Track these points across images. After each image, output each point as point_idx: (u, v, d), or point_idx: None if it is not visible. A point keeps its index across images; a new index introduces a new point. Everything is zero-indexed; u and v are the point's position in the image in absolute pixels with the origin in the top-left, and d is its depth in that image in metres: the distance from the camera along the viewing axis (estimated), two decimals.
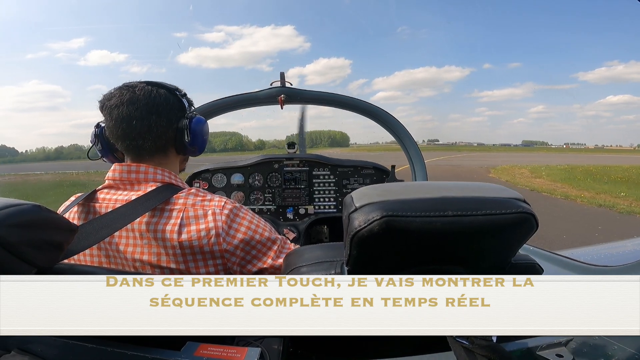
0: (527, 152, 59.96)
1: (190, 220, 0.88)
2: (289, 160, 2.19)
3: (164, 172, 0.96)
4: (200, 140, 1.02)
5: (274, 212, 2.18)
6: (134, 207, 0.85)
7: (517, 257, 0.69)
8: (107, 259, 0.92)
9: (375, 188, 0.63)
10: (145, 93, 0.94)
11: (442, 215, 0.55)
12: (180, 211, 0.88)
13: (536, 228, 0.59)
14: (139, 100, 0.93)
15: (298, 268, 0.70)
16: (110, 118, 0.93)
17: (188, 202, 0.90)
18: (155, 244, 0.87)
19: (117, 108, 0.92)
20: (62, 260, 0.71)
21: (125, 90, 0.94)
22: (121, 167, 0.94)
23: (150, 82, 0.97)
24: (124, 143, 0.95)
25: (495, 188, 0.62)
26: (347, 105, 2.02)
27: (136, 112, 0.93)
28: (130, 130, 0.93)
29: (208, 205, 0.91)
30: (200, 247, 0.87)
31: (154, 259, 0.87)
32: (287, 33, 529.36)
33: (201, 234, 0.87)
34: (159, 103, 0.95)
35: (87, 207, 0.94)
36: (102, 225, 0.80)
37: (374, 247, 0.59)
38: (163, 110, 0.95)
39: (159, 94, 0.95)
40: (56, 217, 0.65)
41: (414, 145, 2.02)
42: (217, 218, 0.89)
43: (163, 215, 0.88)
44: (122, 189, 0.94)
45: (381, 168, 2.20)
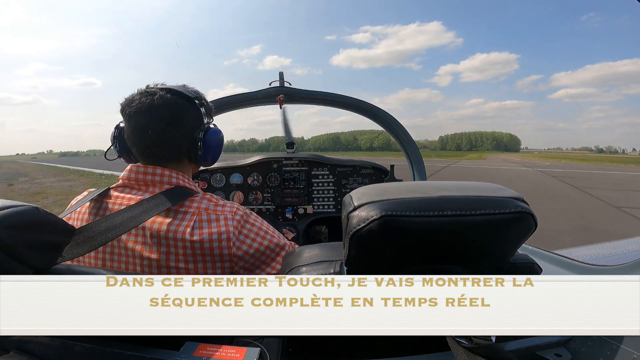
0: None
1: (203, 224, 0.89)
2: (288, 160, 2.19)
3: (178, 175, 0.96)
4: (213, 152, 1.03)
5: (273, 212, 2.18)
6: (146, 207, 0.86)
7: (516, 256, 0.69)
8: (112, 256, 0.91)
9: (374, 188, 0.63)
10: (164, 102, 0.95)
11: (441, 215, 0.55)
12: (194, 214, 0.89)
13: (535, 227, 0.59)
14: (156, 109, 0.94)
15: (297, 268, 0.70)
16: (129, 124, 0.95)
17: (202, 206, 0.92)
18: (166, 243, 0.87)
19: (135, 115, 0.94)
20: (67, 261, 0.71)
21: (145, 97, 0.94)
22: (137, 168, 0.95)
23: (171, 88, 0.97)
24: (139, 149, 0.96)
25: (494, 187, 0.62)
26: (345, 104, 2.02)
27: (152, 122, 0.94)
28: (146, 139, 0.94)
29: (221, 211, 0.92)
30: (210, 249, 0.88)
31: (162, 258, 0.87)
32: (434, 29, 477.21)
33: (213, 237, 0.88)
34: (175, 113, 0.95)
35: (100, 204, 0.94)
36: (113, 224, 0.81)
37: (373, 246, 0.59)
38: (179, 121, 0.96)
39: (176, 103, 0.96)
40: (54, 219, 0.65)
41: (413, 145, 2.02)
42: (228, 223, 0.90)
43: (177, 217, 0.89)
44: (137, 189, 0.94)
45: (380, 168, 2.20)
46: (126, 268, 0.90)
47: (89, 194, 0.98)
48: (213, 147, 1.02)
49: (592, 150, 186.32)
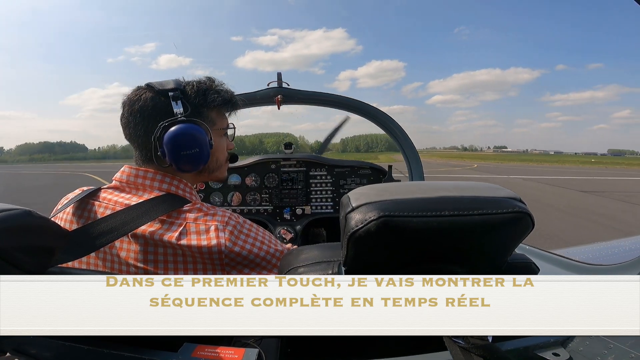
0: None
1: (191, 236, 0.82)
2: (286, 160, 2.19)
3: (171, 181, 0.91)
4: (175, 155, 0.87)
5: (271, 212, 2.18)
6: (132, 216, 0.80)
7: (514, 256, 0.69)
8: (104, 262, 0.88)
9: (372, 188, 0.63)
10: (131, 98, 0.90)
11: (439, 215, 0.56)
12: (181, 225, 0.83)
13: (532, 227, 0.60)
14: (124, 105, 0.91)
15: (295, 268, 0.70)
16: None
17: (190, 216, 0.85)
18: (154, 251, 0.83)
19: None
20: (55, 266, 0.70)
21: (125, 96, 0.92)
22: (129, 170, 0.92)
23: (149, 83, 0.91)
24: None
25: (492, 187, 0.63)
26: (343, 105, 2.02)
27: (122, 119, 0.91)
28: (125, 136, 0.93)
29: (211, 221, 0.85)
30: (202, 260, 0.83)
31: (151, 267, 0.83)
32: (338, 36, 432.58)
33: (203, 250, 0.82)
34: (137, 109, 0.88)
35: (85, 205, 0.90)
36: (97, 233, 0.77)
37: (371, 247, 0.59)
38: (142, 118, 0.88)
39: (140, 99, 0.89)
40: (47, 223, 0.64)
41: (411, 145, 2.03)
42: (219, 234, 0.83)
43: (162, 226, 0.83)
44: (127, 192, 0.90)
45: (378, 168, 2.21)
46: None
47: (81, 192, 0.93)
48: (175, 148, 0.86)
49: (459, 149, 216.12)
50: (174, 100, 0.87)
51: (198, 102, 0.92)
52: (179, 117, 0.87)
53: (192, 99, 0.91)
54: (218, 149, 0.99)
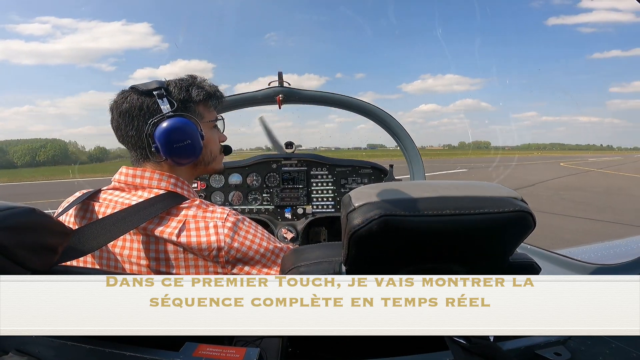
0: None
1: (191, 232, 0.84)
2: (287, 160, 2.18)
3: (169, 180, 0.93)
4: (169, 148, 0.90)
5: (272, 212, 2.18)
6: (132, 214, 0.82)
7: (515, 255, 0.69)
8: (107, 261, 0.90)
9: (374, 187, 0.63)
10: (118, 102, 0.92)
11: (440, 214, 0.55)
12: (180, 222, 0.85)
13: (533, 226, 0.59)
14: (112, 109, 0.93)
15: (297, 268, 0.70)
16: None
17: (189, 213, 0.87)
18: (155, 249, 0.85)
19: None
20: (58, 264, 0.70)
21: (112, 100, 0.94)
22: (127, 171, 0.93)
23: (133, 85, 0.93)
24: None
25: (493, 187, 0.62)
26: (345, 104, 2.01)
27: (113, 123, 0.94)
28: (117, 139, 0.94)
29: (210, 217, 0.87)
30: (202, 256, 0.85)
31: (153, 264, 0.85)
32: (141, 31, 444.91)
33: (202, 247, 0.83)
34: (126, 111, 0.91)
35: (87, 206, 0.93)
36: (99, 231, 0.78)
37: (372, 246, 0.59)
38: (132, 118, 0.91)
39: (126, 100, 0.91)
40: (50, 221, 0.65)
41: (412, 145, 2.02)
42: (219, 231, 0.85)
43: (162, 223, 0.85)
44: (127, 192, 0.92)
45: (379, 167, 2.20)
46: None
47: (81, 195, 0.95)
48: (168, 141, 0.89)
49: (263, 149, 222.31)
50: (160, 98, 0.90)
51: (183, 98, 0.95)
52: (167, 113, 0.90)
53: (176, 96, 0.94)
54: (210, 141, 1.02)
